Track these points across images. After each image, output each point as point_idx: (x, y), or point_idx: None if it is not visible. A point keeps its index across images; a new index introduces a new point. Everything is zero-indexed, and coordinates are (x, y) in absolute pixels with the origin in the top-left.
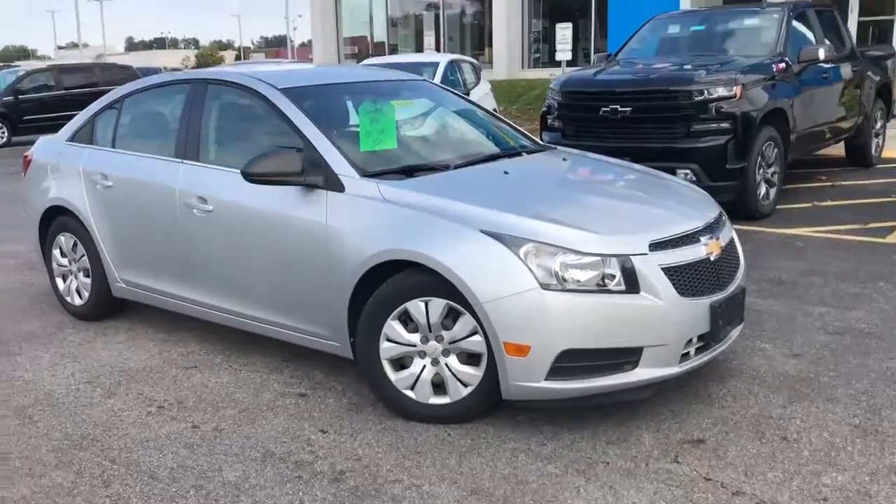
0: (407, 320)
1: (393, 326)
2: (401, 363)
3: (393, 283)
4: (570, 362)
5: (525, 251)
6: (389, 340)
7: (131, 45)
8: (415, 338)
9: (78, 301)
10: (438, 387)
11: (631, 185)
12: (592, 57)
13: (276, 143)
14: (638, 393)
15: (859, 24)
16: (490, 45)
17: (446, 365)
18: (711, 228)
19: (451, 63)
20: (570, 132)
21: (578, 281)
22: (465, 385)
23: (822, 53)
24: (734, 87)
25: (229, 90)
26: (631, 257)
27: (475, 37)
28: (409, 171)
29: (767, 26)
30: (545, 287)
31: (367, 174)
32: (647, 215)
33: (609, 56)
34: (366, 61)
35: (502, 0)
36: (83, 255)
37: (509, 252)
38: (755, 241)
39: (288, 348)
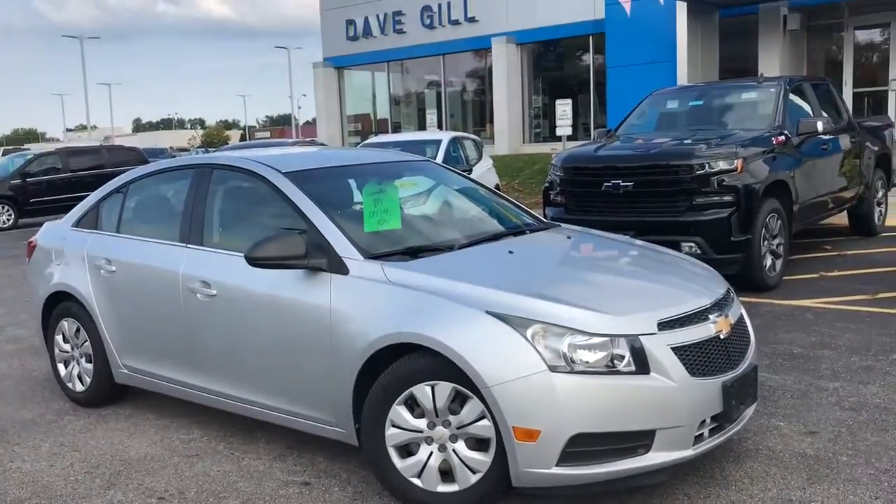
0: (413, 405)
1: (399, 412)
2: (407, 450)
3: (398, 367)
4: (582, 447)
5: (532, 332)
6: (395, 426)
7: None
8: (421, 423)
9: (79, 387)
10: (446, 474)
11: (637, 263)
12: (593, 132)
13: (280, 227)
14: (652, 477)
15: (854, 95)
16: (491, 122)
17: (454, 451)
18: (720, 305)
19: (454, 140)
20: (573, 207)
21: (587, 362)
22: (474, 472)
23: (820, 125)
24: (735, 161)
25: (233, 175)
26: (640, 337)
27: (476, 113)
28: (413, 252)
29: (765, 100)
30: (553, 369)
31: (371, 256)
32: (655, 293)
33: (609, 132)
34: (369, 140)
35: (503, 78)
36: (86, 341)
37: (516, 334)
38: (763, 314)
39: (292, 434)
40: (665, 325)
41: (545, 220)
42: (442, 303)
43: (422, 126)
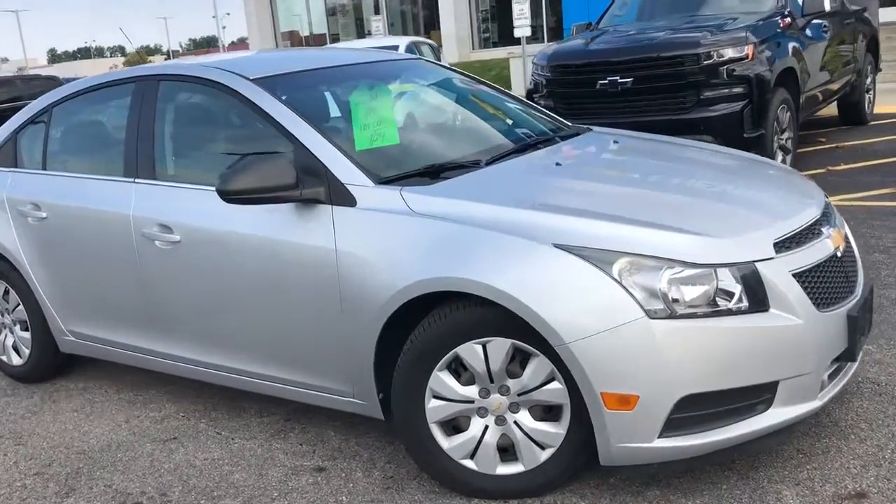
0: (459, 369)
1: (441, 379)
2: (454, 425)
3: (437, 322)
4: (691, 411)
5: (619, 268)
6: (438, 397)
7: (55, 57)
8: (472, 391)
9: (16, 360)
10: (507, 452)
11: (714, 168)
12: (572, 27)
13: (256, 150)
14: (769, 439)
15: None
16: (435, 29)
17: (516, 423)
18: (827, 215)
19: (411, 45)
20: (563, 110)
21: (692, 302)
22: (543, 447)
23: (827, 4)
24: (745, 48)
25: (187, 86)
26: (755, 264)
27: (418, 21)
28: (433, 173)
29: None
30: (652, 315)
31: (383, 180)
32: (758, 205)
33: (590, 25)
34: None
35: None
36: (18, 305)
37: (598, 271)
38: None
39: (288, 403)
40: (782, 246)
41: (572, 125)
42: (490, 235)
43: (361, 36)
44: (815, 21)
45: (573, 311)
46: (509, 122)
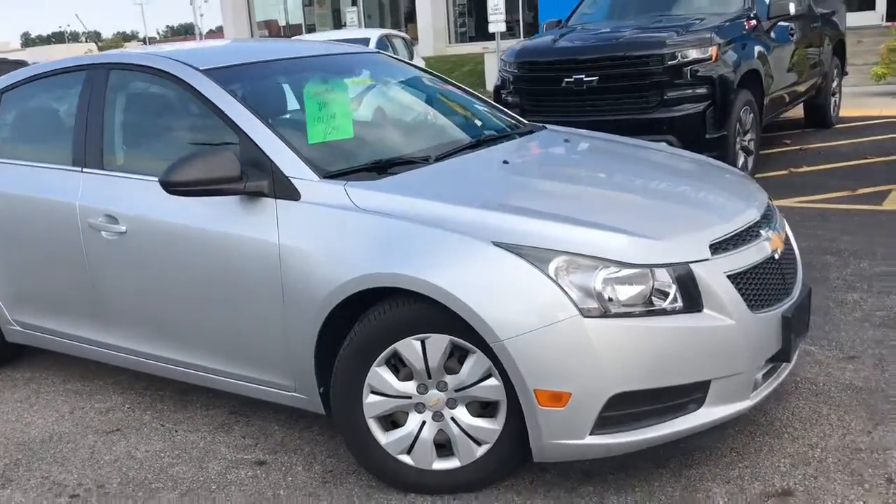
0: (398, 365)
1: (379, 374)
2: (392, 420)
3: (376, 318)
4: (622, 409)
5: (555, 267)
6: (375, 392)
7: (28, 41)
8: (409, 387)
9: None
10: (443, 447)
11: (660, 168)
12: (542, 24)
13: (204, 141)
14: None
15: None
16: (411, 22)
17: (453, 419)
18: (768, 218)
19: (383, 38)
20: (529, 107)
21: (625, 301)
22: (480, 443)
23: (792, 7)
24: (709, 49)
25: (137, 76)
26: (690, 265)
27: (395, 13)
28: (381, 169)
29: None
30: (585, 313)
31: (329, 175)
32: (697, 208)
33: (559, 22)
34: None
35: None
36: None
37: (534, 269)
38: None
39: (234, 396)
40: (718, 248)
41: (527, 123)
42: (430, 232)
43: (337, 27)
44: (780, 24)
45: (509, 308)
46: (464, 118)
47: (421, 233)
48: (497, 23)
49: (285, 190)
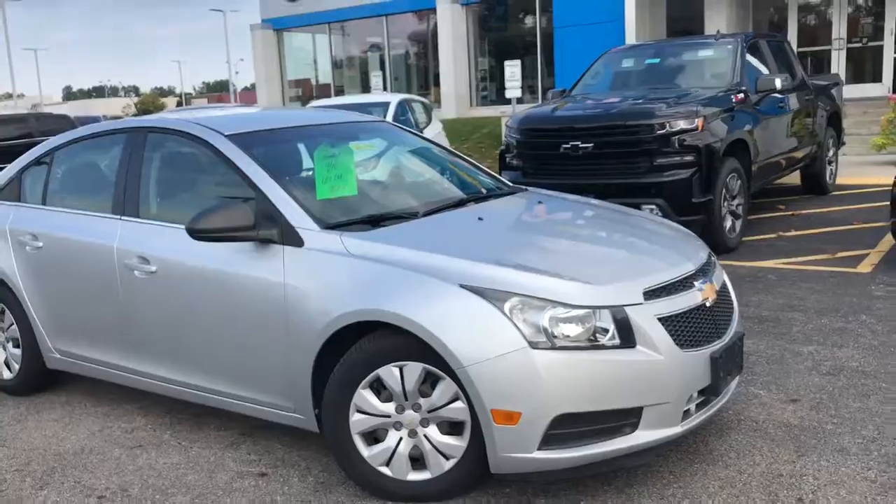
0: (380, 388)
1: (364, 396)
2: (374, 436)
3: (362, 347)
4: (566, 429)
5: (510, 306)
6: (360, 412)
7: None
8: (389, 407)
9: (7, 374)
10: (417, 461)
11: (615, 227)
12: (548, 93)
13: (225, 195)
14: (639, 458)
15: (797, 54)
16: (436, 85)
17: (425, 436)
18: (704, 271)
19: (402, 103)
20: (530, 170)
21: (570, 337)
22: (448, 458)
23: (778, 83)
24: (695, 120)
25: (171, 138)
26: (625, 308)
27: (421, 76)
28: (374, 221)
29: (722, 57)
30: (534, 345)
31: (328, 226)
32: (638, 260)
33: (564, 91)
34: (312, 103)
35: (448, 39)
36: (12, 324)
37: (493, 308)
38: (727, 277)
39: (246, 420)
40: (651, 294)
41: (509, 184)
42: (409, 276)
43: (365, 90)
44: (770, 97)
45: (471, 339)
46: (455, 181)
47: (401, 276)
48: (513, 89)
49: (291, 238)
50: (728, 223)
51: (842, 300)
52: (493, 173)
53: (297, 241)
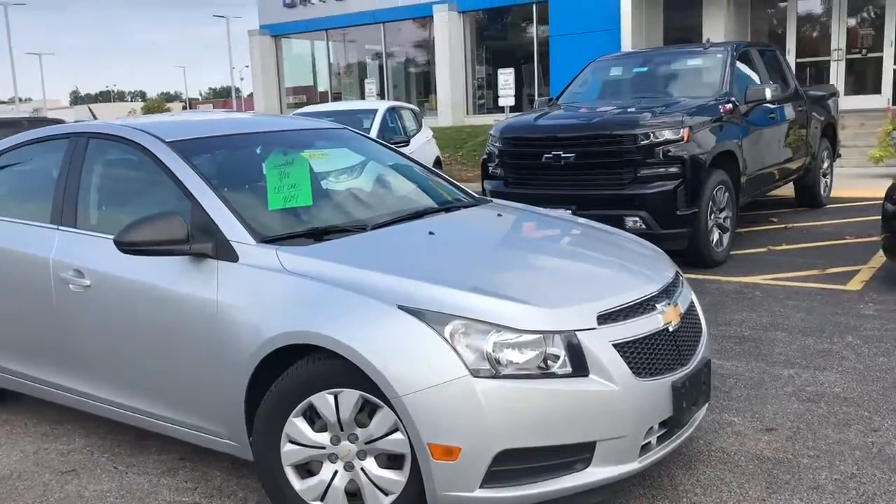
0: (314, 417)
1: (296, 425)
2: (308, 469)
3: (295, 372)
4: (510, 465)
5: (451, 330)
6: (293, 442)
7: (77, 99)
8: (323, 438)
9: None
10: (354, 496)
11: (575, 243)
12: (535, 101)
13: (163, 205)
14: (592, 496)
15: (797, 65)
16: (434, 92)
17: (362, 470)
18: (668, 292)
19: (391, 110)
20: (512, 180)
21: (516, 364)
22: (387, 493)
23: (768, 93)
24: (681, 130)
25: (113, 145)
26: (577, 333)
27: (420, 84)
28: (318, 235)
29: (711, 66)
30: (475, 374)
31: (265, 239)
32: (594, 280)
33: (551, 100)
34: (299, 110)
35: (445, 47)
36: None
37: (432, 332)
38: (711, 292)
39: (187, 444)
40: (606, 318)
41: (476, 196)
42: (346, 295)
43: (364, 97)
44: (760, 107)
45: (408, 366)
46: (413, 191)
47: (338, 295)
48: (507, 97)
49: (226, 252)
50: (715, 236)
51: (828, 319)
52: (458, 185)
53: (231, 256)
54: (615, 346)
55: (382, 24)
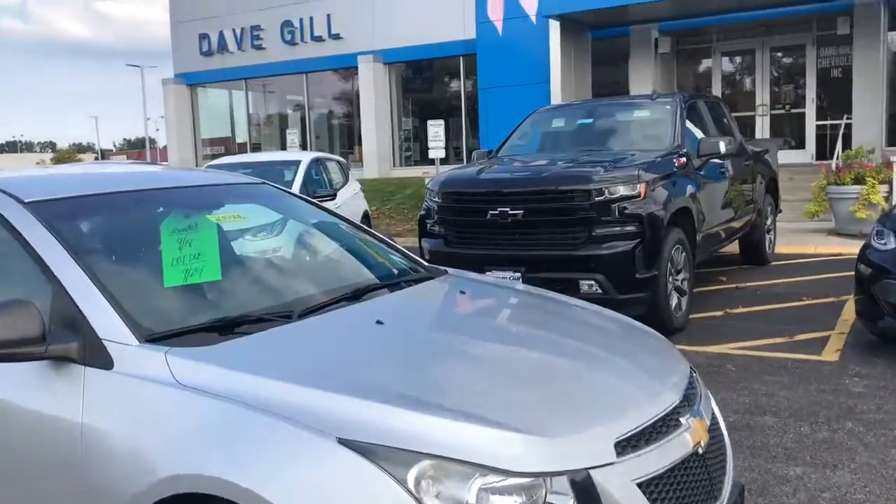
0: None
1: None
2: None
3: None
4: None
5: (417, 474)
6: None
7: None
8: None
9: None
10: None
11: (568, 334)
12: (473, 154)
13: (13, 289)
14: None
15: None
16: (359, 144)
17: None
18: (689, 399)
19: (315, 161)
20: (453, 238)
21: None
22: None
23: (723, 146)
24: (637, 186)
25: None
26: (591, 471)
27: (344, 135)
28: (225, 328)
29: (660, 118)
30: None
31: (152, 337)
32: (603, 389)
33: (490, 153)
34: (211, 162)
35: (370, 98)
36: None
37: (388, 478)
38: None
39: None
40: (626, 446)
41: (426, 265)
42: (263, 422)
43: (284, 148)
44: (712, 161)
45: None
46: (353, 262)
47: (250, 422)
48: (437, 149)
49: (97, 356)
50: (674, 301)
51: (817, 399)
52: (403, 250)
53: (104, 362)
54: (640, 485)
55: (305, 75)
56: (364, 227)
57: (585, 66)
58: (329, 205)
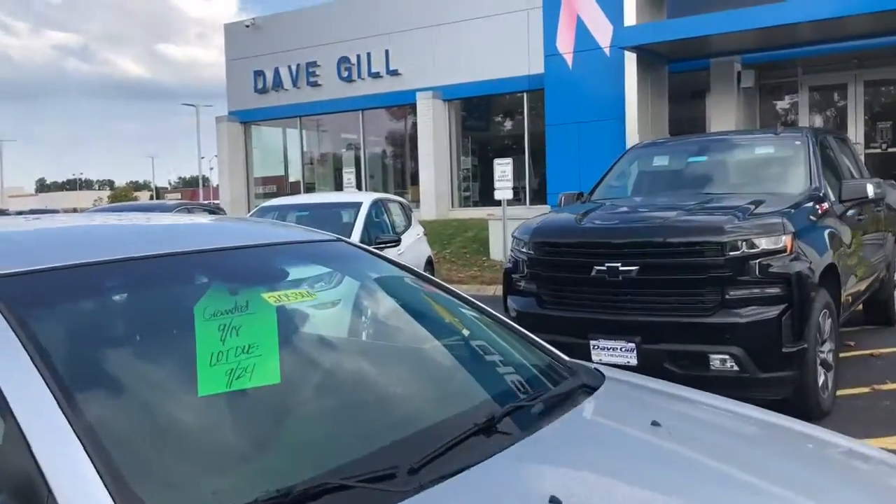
0: None
1: None
2: None
3: None
4: None
5: None
6: None
7: (42, 187)
8: None
9: None
10: None
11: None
12: (560, 197)
13: None
14: None
15: None
16: (414, 185)
17: None
18: None
19: (376, 203)
20: (548, 298)
21: None
22: None
23: (870, 190)
24: (783, 238)
25: None
26: None
27: (398, 175)
28: (297, 501)
29: (789, 156)
30: None
31: None
32: None
33: (580, 195)
34: (264, 203)
35: (429, 136)
36: None
37: None
38: None
39: None
40: None
41: (564, 359)
42: None
43: (339, 188)
44: (853, 207)
45: None
46: (468, 358)
47: None
48: (504, 189)
49: None
50: (821, 378)
51: None
52: (535, 339)
53: None
54: None
55: (361, 112)
56: (476, 302)
57: (662, 101)
58: (392, 251)
